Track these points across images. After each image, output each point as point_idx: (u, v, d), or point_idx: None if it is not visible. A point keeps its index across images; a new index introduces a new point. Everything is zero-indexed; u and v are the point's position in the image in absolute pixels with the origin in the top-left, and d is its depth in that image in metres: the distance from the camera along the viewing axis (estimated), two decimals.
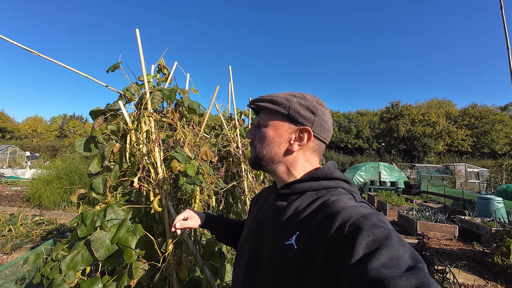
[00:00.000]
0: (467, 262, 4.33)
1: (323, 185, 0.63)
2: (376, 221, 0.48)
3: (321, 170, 0.65)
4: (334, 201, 0.57)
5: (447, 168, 17.16)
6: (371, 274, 0.39)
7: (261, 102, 0.70)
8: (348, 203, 0.56)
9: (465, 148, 34.17)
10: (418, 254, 0.42)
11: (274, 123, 0.67)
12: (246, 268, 0.68)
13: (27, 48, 1.07)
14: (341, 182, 0.65)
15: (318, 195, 0.62)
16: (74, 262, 1.11)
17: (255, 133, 0.72)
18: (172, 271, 1.09)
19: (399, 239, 0.44)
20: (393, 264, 0.39)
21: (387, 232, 0.45)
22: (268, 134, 0.67)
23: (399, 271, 0.38)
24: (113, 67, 1.29)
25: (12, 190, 8.75)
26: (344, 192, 0.62)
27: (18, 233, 4.08)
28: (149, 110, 1.26)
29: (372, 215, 0.50)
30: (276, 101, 0.67)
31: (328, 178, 0.64)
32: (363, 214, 0.50)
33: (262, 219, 0.71)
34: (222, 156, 2.01)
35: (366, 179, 14.15)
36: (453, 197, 8.65)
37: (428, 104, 41.16)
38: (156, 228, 1.29)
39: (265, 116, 0.69)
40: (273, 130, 0.67)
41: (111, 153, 1.24)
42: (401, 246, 0.43)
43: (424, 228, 5.79)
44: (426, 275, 0.37)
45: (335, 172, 0.66)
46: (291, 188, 0.66)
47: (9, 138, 42.90)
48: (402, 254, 0.41)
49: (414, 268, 0.39)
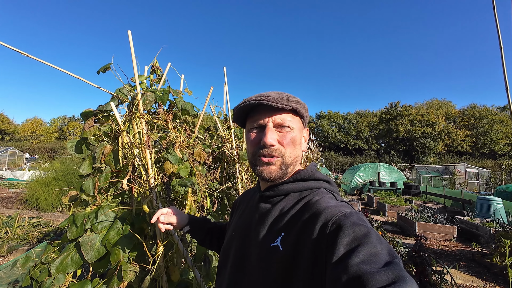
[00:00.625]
0: (466, 263, 4.31)
1: (306, 186, 0.65)
2: (356, 220, 0.50)
3: (304, 171, 0.67)
4: (317, 201, 0.59)
5: (447, 168, 17.15)
6: (351, 270, 0.41)
7: (291, 102, 0.63)
8: (330, 202, 0.58)
9: (465, 149, 34.21)
10: (394, 250, 0.46)
11: (298, 125, 0.67)
12: (231, 272, 0.68)
13: (14, 49, 1.07)
14: (322, 183, 0.67)
15: (301, 196, 0.64)
16: (64, 265, 1.10)
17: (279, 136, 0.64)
18: (162, 273, 1.08)
19: (377, 236, 0.47)
20: (371, 260, 0.42)
21: (366, 230, 0.47)
22: (298, 137, 0.66)
23: (377, 266, 0.40)
24: (103, 68, 1.29)
25: (10, 192, 8.73)
26: (326, 192, 0.64)
27: (15, 235, 4.06)
28: (140, 112, 1.25)
29: (353, 214, 0.52)
30: (301, 104, 0.67)
31: (311, 179, 0.66)
32: (344, 213, 0.52)
33: (246, 221, 0.71)
34: (217, 157, 2.01)
35: (365, 180, 14.13)
36: (453, 197, 8.64)
37: (427, 104, 41.23)
38: (148, 230, 1.28)
39: (292, 118, 0.66)
40: (299, 132, 0.67)
41: (102, 154, 1.23)
42: (379, 243, 0.45)
43: (423, 229, 5.77)
44: (402, 270, 0.40)
45: (317, 173, 0.68)
46: (275, 190, 0.67)
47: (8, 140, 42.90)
48: (380, 251, 0.43)
49: (391, 263, 0.41)
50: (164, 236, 1.13)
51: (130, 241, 1.12)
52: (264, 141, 0.62)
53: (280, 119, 0.64)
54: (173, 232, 1.12)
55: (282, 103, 0.62)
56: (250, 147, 0.68)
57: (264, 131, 0.63)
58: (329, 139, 41.12)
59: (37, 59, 1.03)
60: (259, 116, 0.65)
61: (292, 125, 0.65)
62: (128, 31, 1.32)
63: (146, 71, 1.65)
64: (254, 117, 0.66)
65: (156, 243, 1.13)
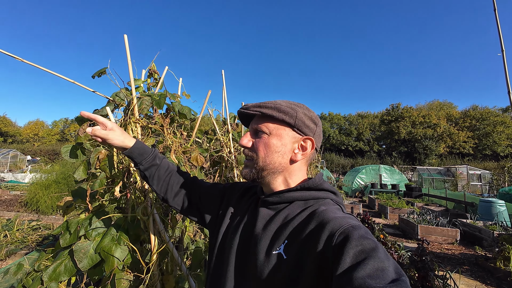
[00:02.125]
0: (469, 267, 4.25)
1: (312, 195, 0.64)
2: (364, 233, 0.49)
3: (312, 180, 0.66)
4: (324, 210, 0.58)
5: (449, 170, 17.04)
6: (356, 283, 0.40)
7: (264, 108, 0.65)
8: (337, 213, 0.57)
9: (467, 150, 34.04)
10: (401, 268, 0.44)
11: (278, 132, 0.65)
12: (230, 279, 0.65)
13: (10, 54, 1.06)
14: (329, 194, 0.66)
15: (306, 205, 0.63)
16: (57, 273, 1.08)
17: (254, 141, 0.68)
18: (156, 282, 1.05)
19: (385, 252, 0.46)
20: (378, 275, 0.41)
21: (374, 244, 0.46)
22: (273, 143, 0.65)
23: (384, 282, 0.40)
24: (98, 73, 1.27)
25: (11, 194, 8.74)
26: (332, 203, 0.64)
27: (14, 238, 4.05)
28: (135, 116, 1.24)
29: (361, 227, 0.51)
30: (281, 109, 0.65)
31: (318, 189, 0.65)
32: (352, 225, 0.51)
33: (247, 225, 0.68)
34: (215, 161, 1.98)
35: (366, 182, 14.06)
36: (455, 200, 8.57)
37: (428, 106, 41.14)
38: (144, 237, 1.26)
39: (268, 124, 0.66)
40: (278, 139, 0.65)
41: (97, 160, 1.21)
42: (386, 259, 0.44)
43: (425, 232, 5.72)
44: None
45: (325, 183, 0.67)
46: (280, 197, 0.66)
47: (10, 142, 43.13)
48: (387, 267, 0.42)
49: (397, 280, 0.40)
50: (158, 243, 1.11)
51: (124, 249, 1.10)
52: (239, 142, 0.68)
53: (255, 125, 0.68)
54: (168, 240, 1.09)
55: (252, 110, 0.67)
56: None
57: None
58: (330, 140, 41.04)
59: (32, 64, 1.02)
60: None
61: (268, 131, 0.66)
62: (124, 35, 1.31)
63: (143, 75, 1.64)
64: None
65: (150, 250, 1.10)
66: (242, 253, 0.65)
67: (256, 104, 0.67)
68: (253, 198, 0.76)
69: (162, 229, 1.11)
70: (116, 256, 1.09)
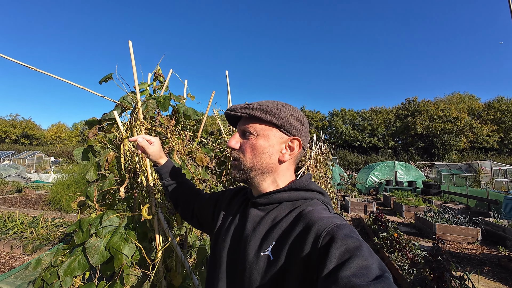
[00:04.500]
0: (491, 267, 4.04)
1: (300, 195, 0.65)
2: (349, 232, 0.50)
3: (299, 181, 0.67)
4: (310, 211, 0.59)
5: (471, 166, 16.16)
6: (341, 283, 0.41)
7: (250, 110, 0.66)
8: (323, 213, 0.58)
9: (491, 145, 32.09)
10: (384, 265, 0.45)
11: (265, 133, 0.66)
12: (222, 279, 0.67)
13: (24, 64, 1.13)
14: (316, 194, 0.67)
15: (294, 206, 0.64)
16: (71, 268, 1.15)
17: (241, 143, 0.69)
18: (161, 278, 1.10)
19: (369, 249, 0.47)
20: (362, 273, 0.42)
21: (358, 242, 0.47)
22: (260, 144, 0.66)
23: (367, 280, 0.41)
24: (105, 78, 1.33)
25: (36, 193, 9.31)
26: (319, 203, 0.64)
27: (39, 235, 4.32)
28: (140, 119, 1.29)
29: (346, 226, 0.52)
30: (268, 111, 0.65)
31: (305, 189, 0.66)
32: (337, 224, 0.52)
33: (238, 227, 0.70)
34: (221, 161, 2.02)
35: (381, 179, 13.67)
36: (477, 197, 8.13)
37: (448, 99, 39.13)
38: (151, 235, 1.31)
39: (255, 125, 0.67)
40: (265, 139, 0.66)
41: (106, 161, 1.28)
42: (370, 256, 0.45)
43: (443, 231, 5.49)
44: (391, 284, 0.40)
45: (312, 184, 0.68)
46: (269, 198, 0.67)
47: (36, 144, 45.79)
48: (371, 264, 0.43)
49: (381, 277, 0.41)
50: (163, 241, 1.15)
51: (132, 246, 1.15)
52: (226, 144, 0.70)
53: (243, 127, 0.69)
54: (172, 238, 1.14)
55: (238, 111, 0.68)
56: None
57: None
58: (343, 137, 40.16)
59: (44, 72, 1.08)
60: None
61: (255, 132, 0.66)
62: (129, 41, 1.36)
63: (149, 78, 1.69)
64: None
65: (156, 248, 1.15)
66: (233, 255, 0.67)
67: (243, 106, 0.68)
68: (243, 200, 0.78)
69: (166, 227, 1.15)
70: (124, 253, 1.14)
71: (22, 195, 8.95)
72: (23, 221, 4.84)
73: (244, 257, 0.61)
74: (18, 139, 45.18)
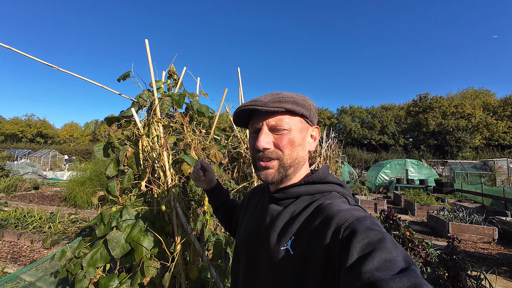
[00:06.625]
0: (508, 267, 3.92)
1: (318, 189, 0.64)
2: (370, 224, 0.48)
3: (316, 174, 0.66)
4: (329, 204, 0.57)
5: (486, 164, 15.61)
6: (365, 277, 0.39)
7: (285, 103, 0.61)
8: (342, 206, 0.56)
9: (508, 142, 30.87)
10: (411, 256, 0.43)
11: (297, 126, 0.64)
12: (244, 273, 0.69)
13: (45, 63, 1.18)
14: (335, 186, 0.65)
15: (313, 199, 0.63)
16: (94, 260, 1.20)
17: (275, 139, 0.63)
18: (180, 270, 1.13)
19: (393, 241, 0.45)
20: (386, 266, 0.40)
21: (381, 235, 0.46)
22: (296, 137, 0.64)
23: (392, 273, 0.39)
24: (123, 76, 1.37)
25: (52, 190, 9.66)
26: (338, 196, 0.63)
27: (57, 230, 4.49)
28: (158, 116, 1.31)
29: (366, 218, 0.50)
30: (299, 103, 0.63)
31: (323, 182, 0.65)
32: (357, 217, 0.50)
33: (257, 223, 0.71)
34: (233, 158, 2.04)
35: (391, 177, 13.40)
36: (493, 196, 7.86)
37: (461, 94, 37.82)
38: (168, 228, 1.34)
39: (290, 119, 0.63)
40: (299, 132, 0.64)
41: (125, 157, 1.32)
42: (394, 248, 0.43)
43: (457, 230, 5.35)
44: (418, 277, 0.38)
45: (329, 176, 0.66)
46: (285, 193, 0.66)
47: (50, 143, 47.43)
48: (395, 257, 0.42)
49: (406, 270, 0.39)
50: (181, 235, 1.18)
51: (151, 239, 1.19)
52: (257, 146, 0.62)
53: (274, 122, 0.62)
54: (190, 232, 1.16)
55: (273, 106, 0.61)
56: (250, 151, 0.69)
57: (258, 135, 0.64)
58: (352, 135, 39.58)
59: (66, 71, 1.13)
60: (256, 120, 0.65)
61: (289, 126, 0.63)
62: (145, 39, 1.39)
63: (163, 76, 1.72)
64: (252, 122, 0.67)
65: (174, 241, 1.18)
66: (252, 250, 0.68)
67: (275, 99, 0.62)
68: (261, 196, 0.79)
69: (184, 221, 1.18)
70: (144, 246, 1.18)
71: (39, 192, 9.30)
72: (42, 216, 5.04)
73: (264, 252, 0.62)
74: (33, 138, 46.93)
